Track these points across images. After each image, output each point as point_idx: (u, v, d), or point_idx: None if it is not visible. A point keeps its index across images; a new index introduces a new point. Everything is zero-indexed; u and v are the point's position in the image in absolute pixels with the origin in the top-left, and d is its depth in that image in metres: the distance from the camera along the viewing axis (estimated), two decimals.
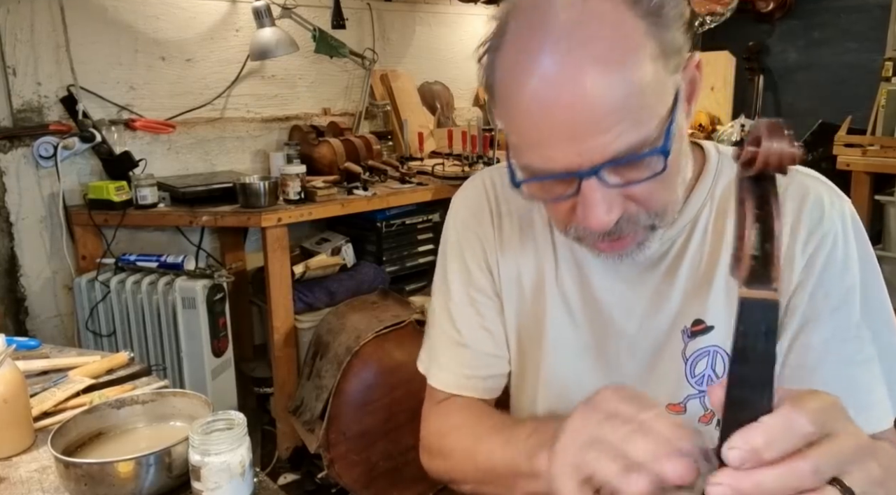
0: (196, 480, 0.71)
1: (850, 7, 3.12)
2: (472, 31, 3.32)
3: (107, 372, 1.07)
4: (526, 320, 0.85)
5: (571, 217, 0.67)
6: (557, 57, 0.59)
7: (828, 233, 0.72)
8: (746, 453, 0.43)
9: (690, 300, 0.76)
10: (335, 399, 1.73)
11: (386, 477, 1.66)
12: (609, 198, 0.62)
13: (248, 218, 2.08)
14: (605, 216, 0.62)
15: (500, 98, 0.65)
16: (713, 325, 0.75)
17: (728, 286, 0.75)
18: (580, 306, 0.81)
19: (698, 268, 0.76)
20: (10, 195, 2.09)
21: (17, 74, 2.07)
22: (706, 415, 0.77)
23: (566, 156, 0.61)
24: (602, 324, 0.80)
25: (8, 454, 0.85)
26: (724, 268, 0.75)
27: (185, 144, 2.46)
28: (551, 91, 0.59)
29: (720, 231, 0.76)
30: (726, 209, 0.76)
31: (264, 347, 2.54)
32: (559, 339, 0.82)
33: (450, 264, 0.89)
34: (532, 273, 0.83)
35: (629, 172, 0.62)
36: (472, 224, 0.87)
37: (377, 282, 2.39)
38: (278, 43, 2.40)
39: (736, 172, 0.49)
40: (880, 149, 2.64)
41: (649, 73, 0.59)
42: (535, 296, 0.83)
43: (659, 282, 0.77)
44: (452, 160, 2.75)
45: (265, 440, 2.33)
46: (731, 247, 0.73)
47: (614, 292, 0.79)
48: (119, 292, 2.04)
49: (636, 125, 0.59)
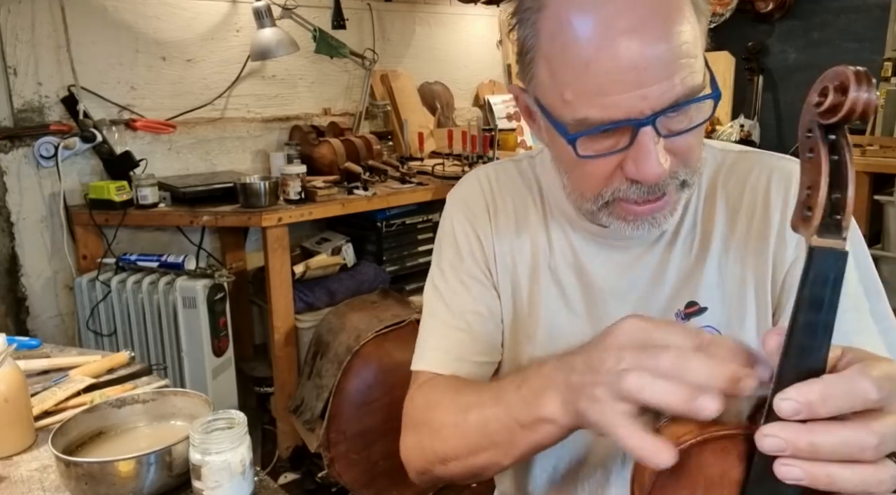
0: (196, 479, 0.72)
1: (849, 7, 3.12)
2: (472, 31, 3.32)
3: (107, 371, 1.07)
4: (521, 309, 0.85)
5: (611, 177, 0.67)
6: (621, 5, 0.61)
7: None
8: (801, 405, 0.42)
9: (683, 283, 0.78)
10: (335, 398, 1.73)
11: (386, 477, 1.67)
12: (662, 150, 0.64)
13: (249, 218, 2.08)
14: (659, 166, 0.63)
15: (550, 56, 0.65)
16: (706, 306, 0.77)
17: (720, 266, 0.77)
18: (575, 293, 0.82)
19: (689, 252, 0.78)
20: (11, 195, 2.10)
21: (17, 74, 2.07)
22: None
23: (630, 101, 0.61)
24: (597, 310, 0.81)
25: (9, 453, 0.85)
26: (715, 251, 0.77)
27: (186, 144, 2.46)
28: (620, 34, 0.60)
29: (710, 215, 0.78)
30: (714, 194, 0.79)
31: (265, 347, 2.54)
32: (554, 326, 0.82)
33: (444, 253, 0.89)
34: (527, 262, 0.85)
35: (676, 123, 0.64)
36: (468, 216, 0.88)
37: (377, 282, 2.39)
38: (279, 43, 2.40)
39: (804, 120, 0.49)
40: (879, 148, 2.64)
41: (694, 23, 0.63)
42: (530, 285, 0.84)
43: (652, 267, 0.79)
44: (452, 160, 2.76)
45: (265, 439, 2.33)
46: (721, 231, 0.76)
47: (609, 278, 0.80)
48: (120, 292, 2.05)
49: (692, 70, 0.62)
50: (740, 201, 0.78)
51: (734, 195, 0.79)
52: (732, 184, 0.79)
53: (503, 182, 0.89)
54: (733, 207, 0.78)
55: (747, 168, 0.79)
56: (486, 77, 3.41)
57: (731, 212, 0.78)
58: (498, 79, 3.46)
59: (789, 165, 0.78)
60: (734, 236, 0.77)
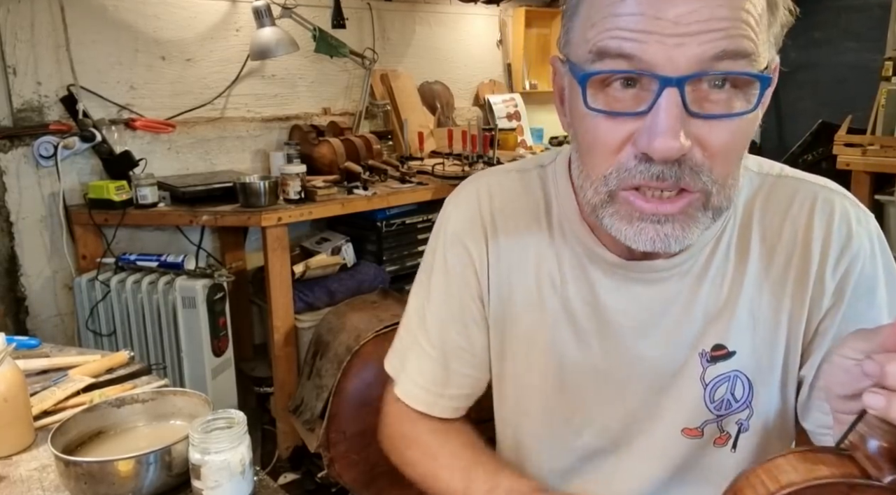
0: (196, 479, 0.71)
1: (850, 7, 3.12)
2: (472, 30, 3.32)
3: (107, 371, 1.07)
4: (519, 340, 0.80)
5: (620, 150, 0.59)
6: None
7: (857, 255, 0.69)
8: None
9: (712, 323, 0.72)
10: (335, 398, 1.72)
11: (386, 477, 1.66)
12: (681, 127, 0.55)
13: (249, 217, 2.08)
14: (675, 139, 0.54)
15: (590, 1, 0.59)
16: (735, 351, 0.72)
17: (752, 307, 0.71)
18: (588, 325, 0.75)
19: (721, 288, 0.72)
20: (11, 194, 2.09)
21: (17, 74, 2.07)
22: (721, 438, 0.75)
23: (660, 48, 0.54)
24: (613, 344, 0.75)
25: (8, 453, 0.85)
26: (749, 289, 0.71)
27: (186, 144, 2.46)
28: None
29: (744, 251, 0.72)
30: (750, 224, 0.72)
31: (264, 347, 2.54)
32: (564, 357, 0.77)
33: (434, 276, 0.84)
34: (532, 290, 0.78)
35: (711, 103, 0.56)
36: (462, 236, 0.81)
37: (377, 282, 2.39)
38: (278, 42, 2.40)
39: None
40: (880, 148, 2.64)
41: (762, 9, 0.57)
42: (534, 313, 0.78)
43: (679, 303, 0.72)
44: (452, 160, 2.75)
45: (265, 439, 2.33)
46: (756, 266, 0.71)
47: (628, 313, 0.73)
48: (119, 291, 2.04)
49: (746, 36, 0.55)
50: (779, 235, 0.71)
51: (772, 227, 0.71)
52: (771, 215, 0.71)
53: (506, 199, 0.80)
54: (771, 242, 0.71)
55: (787, 196, 0.72)
56: (486, 77, 3.41)
57: (769, 247, 0.71)
58: (498, 79, 3.46)
59: (832, 197, 0.71)
60: (770, 275, 0.71)
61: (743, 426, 0.74)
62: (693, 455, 0.76)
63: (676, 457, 0.76)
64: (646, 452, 0.77)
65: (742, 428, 0.74)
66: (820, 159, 2.85)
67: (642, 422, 0.76)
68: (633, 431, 0.77)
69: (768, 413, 0.74)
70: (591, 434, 0.79)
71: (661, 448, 0.76)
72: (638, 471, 0.78)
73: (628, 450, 0.78)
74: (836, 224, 0.70)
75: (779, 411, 0.74)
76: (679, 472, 0.77)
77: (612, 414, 0.77)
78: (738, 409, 0.74)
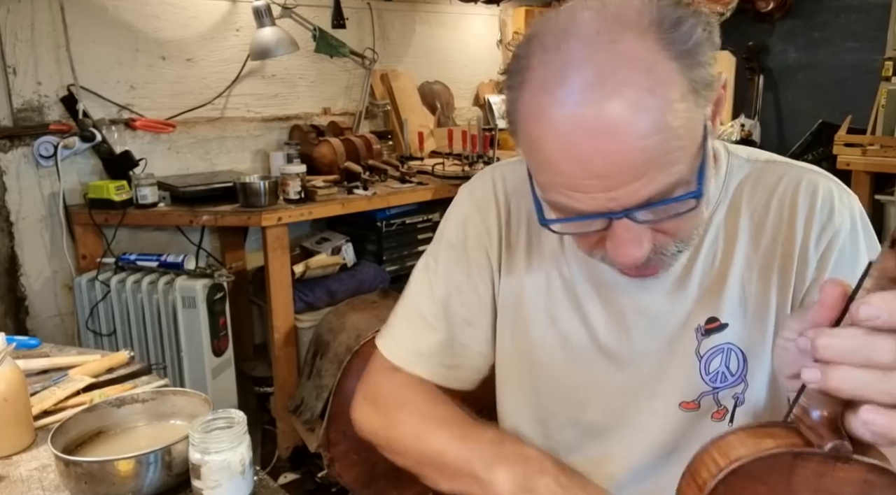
0: (196, 478, 0.71)
1: (850, 7, 3.12)
2: (472, 31, 3.32)
3: (107, 371, 1.07)
4: (524, 319, 0.83)
5: (599, 246, 0.67)
6: (589, 105, 0.57)
7: (839, 230, 0.73)
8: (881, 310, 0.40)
9: (704, 298, 0.76)
10: (335, 398, 1.72)
11: (386, 477, 1.66)
12: (640, 235, 0.62)
13: (249, 217, 2.08)
14: (636, 252, 0.63)
15: (525, 138, 0.63)
16: (727, 323, 0.75)
17: (743, 281, 0.75)
18: (594, 307, 0.79)
19: (712, 267, 0.76)
20: (11, 194, 2.09)
21: (17, 74, 2.07)
22: (719, 412, 0.77)
23: (598, 201, 0.60)
24: (615, 321, 0.79)
25: (8, 452, 0.85)
26: (738, 266, 0.75)
27: (186, 144, 2.46)
28: (584, 140, 0.57)
29: (733, 229, 0.76)
30: (739, 207, 0.76)
31: (264, 347, 2.54)
32: (570, 337, 0.81)
33: (443, 252, 0.87)
34: (538, 269, 0.82)
35: (660, 211, 0.62)
36: (477, 219, 0.85)
37: (377, 282, 2.39)
38: (278, 42, 2.40)
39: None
40: (880, 148, 2.64)
41: (681, 113, 0.57)
42: (540, 292, 0.82)
43: (673, 282, 0.76)
44: (452, 160, 2.75)
45: (265, 439, 2.33)
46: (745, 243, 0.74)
47: (628, 293, 0.78)
48: (119, 291, 2.04)
49: (670, 168, 0.58)
50: (766, 214, 0.75)
51: (760, 207, 0.76)
52: (758, 197, 0.76)
53: (520, 187, 0.84)
54: (759, 221, 0.75)
55: (774, 179, 0.76)
56: (486, 76, 3.41)
57: (757, 226, 0.75)
58: (498, 78, 3.46)
59: (816, 178, 0.75)
60: (758, 251, 0.75)
61: (739, 399, 0.77)
62: (691, 429, 0.78)
63: (675, 432, 0.78)
64: (646, 427, 0.79)
65: (738, 402, 0.77)
66: (820, 159, 2.85)
67: (642, 398, 0.79)
68: (634, 407, 0.79)
69: (763, 386, 0.76)
70: (593, 411, 0.81)
71: (661, 422, 0.78)
72: (638, 446, 0.80)
73: (629, 426, 0.80)
74: (820, 202, 0.73)
75: (773, 384, 0.77)
76: (678, 447, 0.78)
77: (614, 391, 0.80)
78: (734, 383, 0.76)
